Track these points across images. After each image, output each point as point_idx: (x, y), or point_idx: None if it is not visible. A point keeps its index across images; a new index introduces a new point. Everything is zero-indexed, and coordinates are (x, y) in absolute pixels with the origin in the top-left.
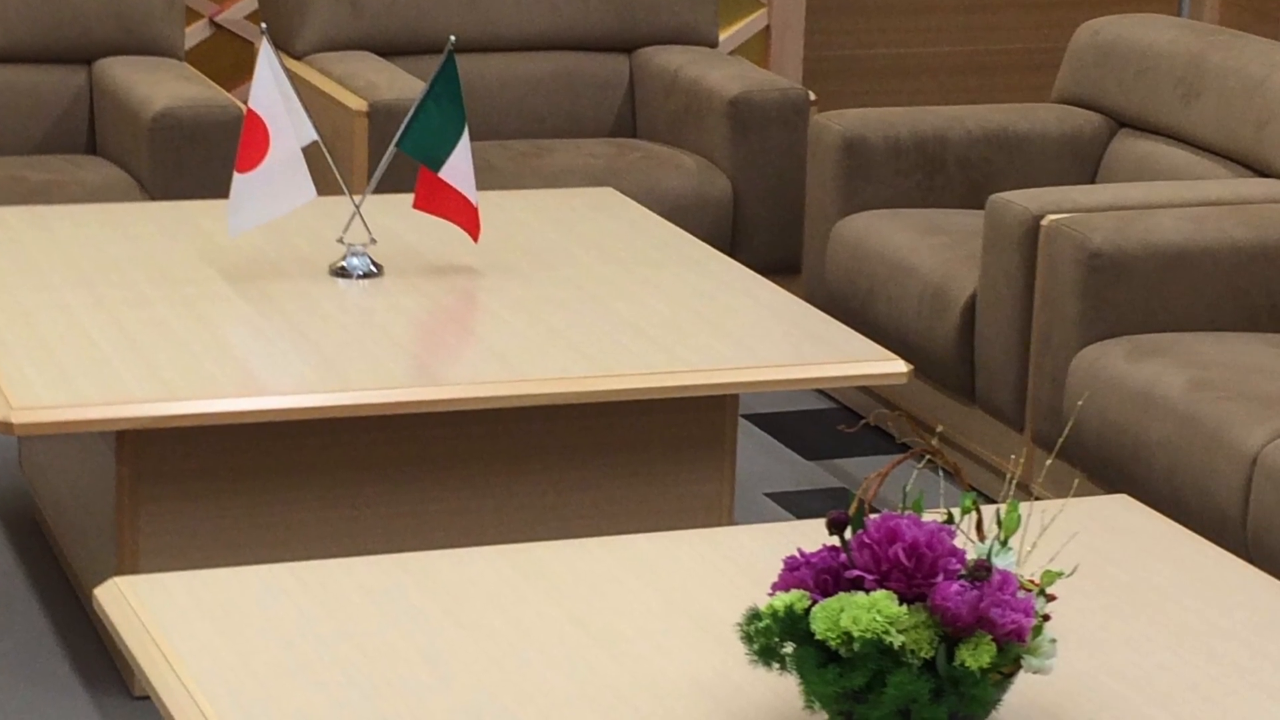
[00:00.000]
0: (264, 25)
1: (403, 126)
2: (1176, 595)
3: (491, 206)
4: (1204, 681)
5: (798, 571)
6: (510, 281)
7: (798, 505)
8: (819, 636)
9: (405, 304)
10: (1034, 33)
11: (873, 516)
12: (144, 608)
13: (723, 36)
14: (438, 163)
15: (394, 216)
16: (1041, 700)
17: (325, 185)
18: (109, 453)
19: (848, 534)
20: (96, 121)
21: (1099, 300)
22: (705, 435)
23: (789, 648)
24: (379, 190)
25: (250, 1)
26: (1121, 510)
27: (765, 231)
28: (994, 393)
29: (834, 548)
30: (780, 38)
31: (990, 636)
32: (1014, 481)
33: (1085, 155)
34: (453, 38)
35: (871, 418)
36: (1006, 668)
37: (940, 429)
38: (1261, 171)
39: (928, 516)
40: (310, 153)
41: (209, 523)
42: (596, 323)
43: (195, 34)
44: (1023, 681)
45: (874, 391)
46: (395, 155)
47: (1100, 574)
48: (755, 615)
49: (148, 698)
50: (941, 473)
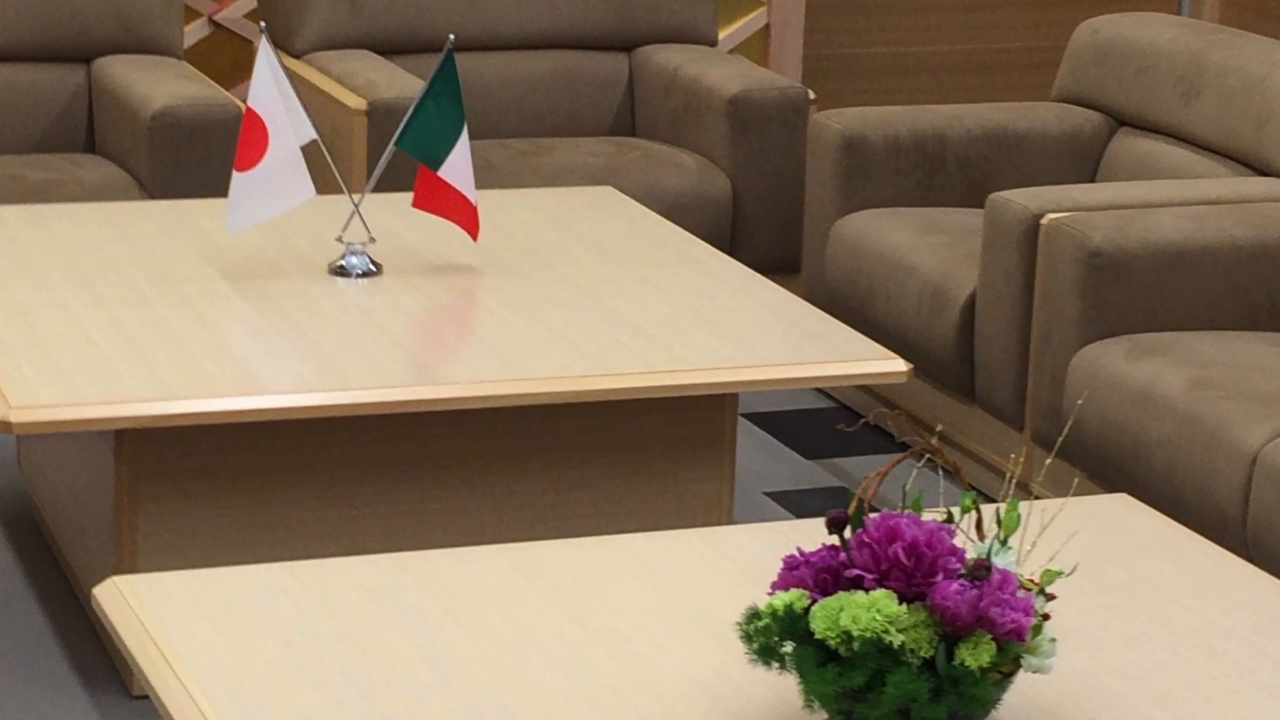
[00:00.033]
0: (263, 24)
1: (402, 125)
2: (1176, 594)
3: (491, 205)
4: (1204, 681)
5: (797, 571)
6: (509, 280)
7: (797, 504)
8: (818, 636)
9: (404, 303)
10: (1033, 31)
11: (872, 515)
12: (143, 607)
13: (722, 35)
14: (437, 161)
15: (393, 215)
16: (1041, 699)
17: (324, 184)
18: (108, 452)
19: (847, 533)
20: (95, 120)
21: (1099, 299)
22: (704, 434)
23: (788, 647)
24: (378, 189)
25: (249, 0)
26: (1121, 509)
27: (765, 230)
28: (994, 392)
29: (833, 547)
30: (780, 36)
31: (990, 636)
32: (1014, 481)
33: (1085, 154)
34: (452, 36)
35: (871, 417)
36: (1006, 667)
37: (940, 428)
38: (1261, 170)
39: (927, 516)
40: (309, 151)
41: (208, 522)
42: (596, 322)
43: (194, 33)
44: (1022, 681)
45: (873, 390)
46: (394, 154)
47: (1100, 573)
48: (755, 614)
49: (146, 697)
50: (941, 472)
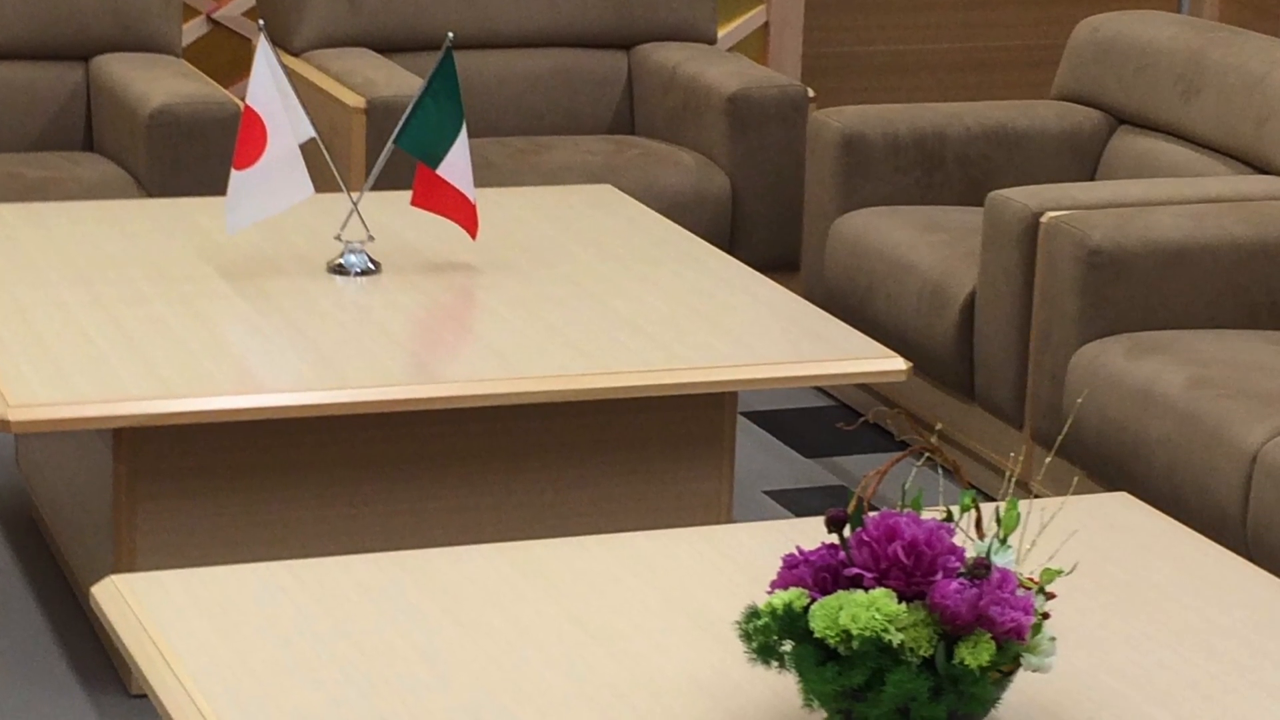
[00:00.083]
0: (261, 22)
1: (401, 123)
2: (1176, 593)
3: (489, 204)
4: (1204, 680)
5: (796, 569)
6: (508, 279)
7: (796, 503)
8: (818, 634)
9: (403, 301)
10: (1033, 29)
11: (872, 514)
12: (141, 606)
13: (721, 33)
14: (436, 160)
15: (392, 214)
16: (1041, 699)
17: (323, 182)
18: (106, 450)
19: (847, 532)
20: (94, 118)
21: (1098, 297)
22: (704, 433)
23: (788, 646)
24: (377, 187)
25: None
26: (1121, 508)
27: (764, 229)
28: (993, 390)
29: (833, 546)
30: (779, 34)
31: (989, 635)
32: (1013, 479)
33: (1085, 152)
34: (451, 34)
35: (870, 415)
36: (1006, 666)
37: (939, 426)
38: (1261, 168)
39: (927, 514)
40: (308, 150)
41: (206, 521)
42: (595, 320)
43: (192, 30)
44: (1022, 680)
45: (873, 389)
46: (393, 152)
47: (1100, 572)
48: (754, 613)
49: (145, 696)
50: (941, 470)
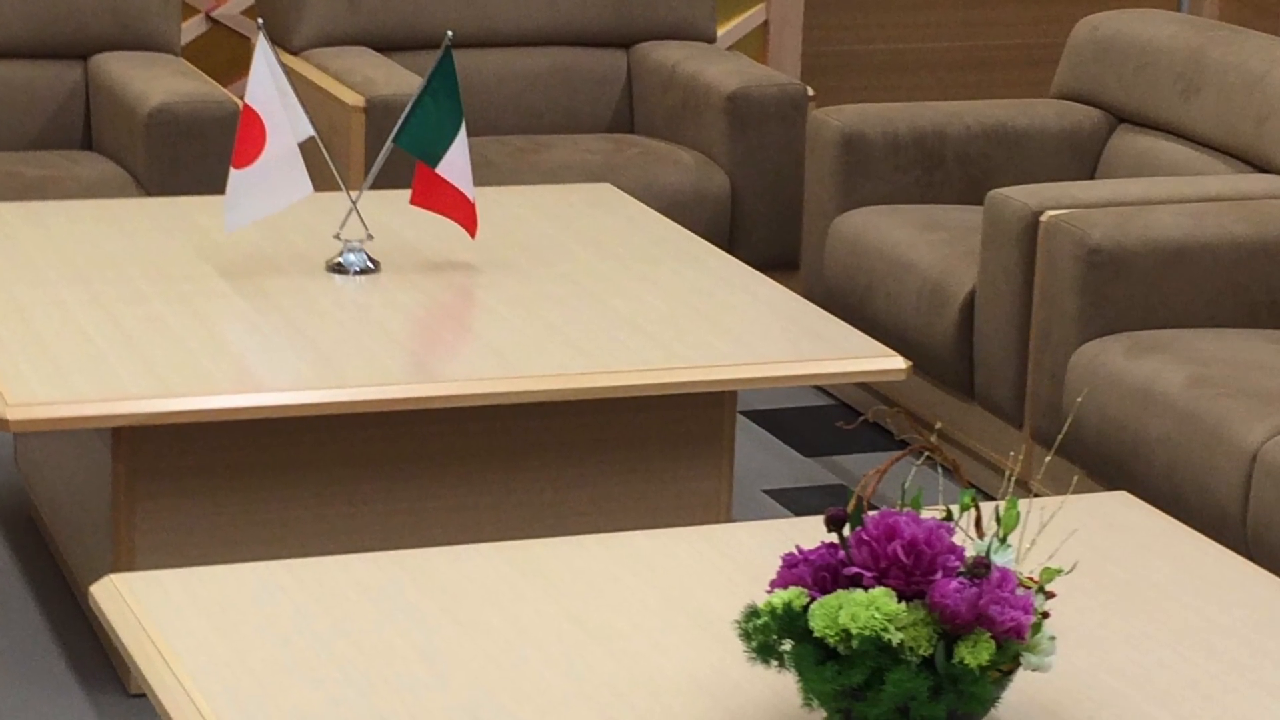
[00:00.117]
0: (260, 20)
1: (400, 122)
2: (1176, 592)
3: (489, 202)
4: (1204, 679)
5: (796, 569)
6: (507, 278)
7: (796, 502)
8: (817, 634)
9: (402, 300)
10: (1033, 28)
11: (871, 513)
12: (140, 605)
13: (721, 31)
14: (435, 158)
15: (391, 212)
16: (1040, 698)
17: (322, 181)
18: (105, 449)
19: (846, 531)
20: (92, 117)
21: (1098, 296)
22: (703, 432)
23: (787, 645)
24: (376, 186)
25: None
26: (1121, 507)
27: (763, 227)
28: (993, 389)
29: (832, 545)
30: (778, 33)
31: (989, 634)
32: (1013, 478)
33: (1084, 151)
34: (450, 33)
35: (870, 414)
36: (1005, 665)
37: (939, 425)
38: (1261, 167)
39: (926, 513)
40: (307, 148)
41: (205, 520)
42: (594, 319)
43: (191, 29)
44: (1022, 679)
45: (872, 388)
46: (392, 151)
47: (1099, 571)
48: (753, 612)
49: (144, 695)
50: (940, 469)
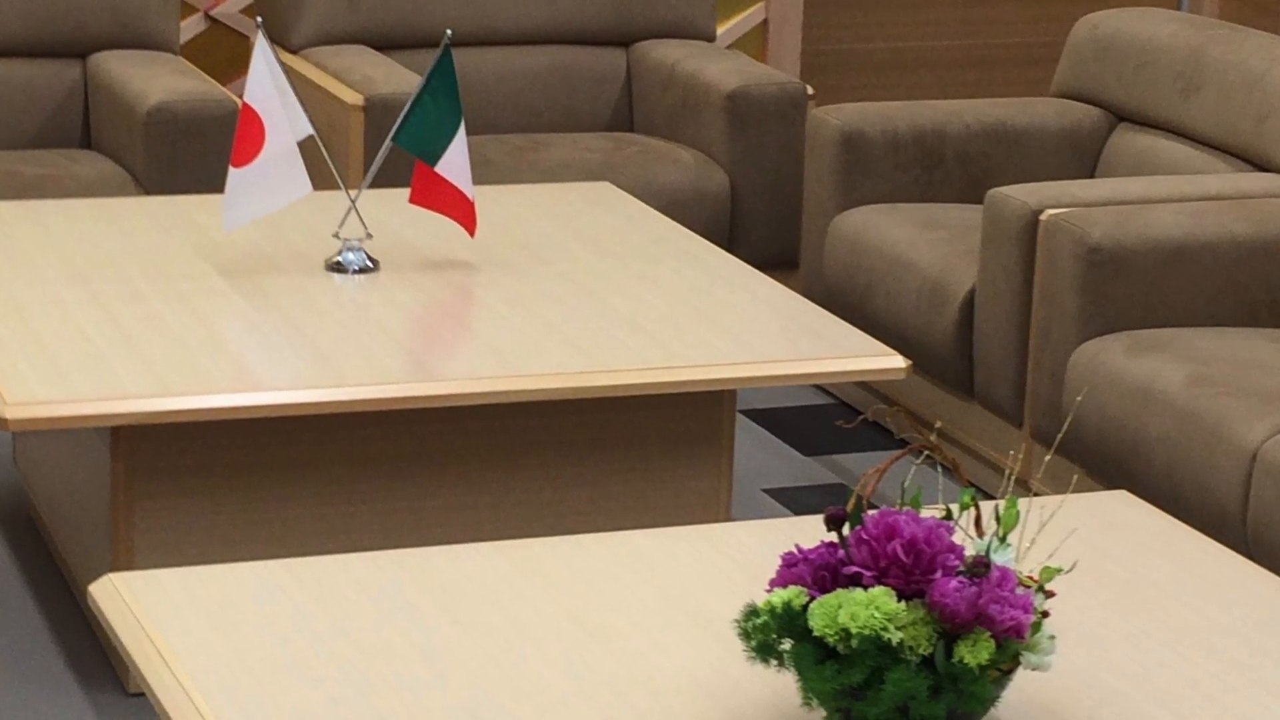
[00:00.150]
0: (259, 19)
1: (399, 121)
2: (1176, 592)
3: (488, 201)
4: (1204, 678)
5: (795, 568)
6: (507, 276)
7: (796, 501)
8: (817, 633)
9: (401, 299)
10: (1033, 27)
11: (871, 512)
12: (139, 604)
13: (720, 30)
14: (434, 157)
15: (390, 211)
16: (1040, 697)
17: (321, 180)
18: (104, 448)
19: (846, 530)
20: (91, 116)
21: (1098, 295)
22: (703, 431)
23: (787, 644)
24: (375, 185)
25: None
26: (1121, 506)
27: (763, 226)
28: (993, 388)
29: (832, 544)
30: (778, 31)
31: (989, 633)
32: (1013, 477)
33: (1084, 150)
34: (449, 32)
35: (870, 413)
36: (1005, 664)
37: (939, 424)
38: (1261, 166)
39: (926, 512)
40: (306, 147)
41: (204, 519)
42: (593, 318)
43: (190, 28)
44: (1021, 678)
45: (872, 387)
46: (391, 150)
47: (1099, 570)
48: (753, 612)
49: (143, 694)
50: (940, 468)
